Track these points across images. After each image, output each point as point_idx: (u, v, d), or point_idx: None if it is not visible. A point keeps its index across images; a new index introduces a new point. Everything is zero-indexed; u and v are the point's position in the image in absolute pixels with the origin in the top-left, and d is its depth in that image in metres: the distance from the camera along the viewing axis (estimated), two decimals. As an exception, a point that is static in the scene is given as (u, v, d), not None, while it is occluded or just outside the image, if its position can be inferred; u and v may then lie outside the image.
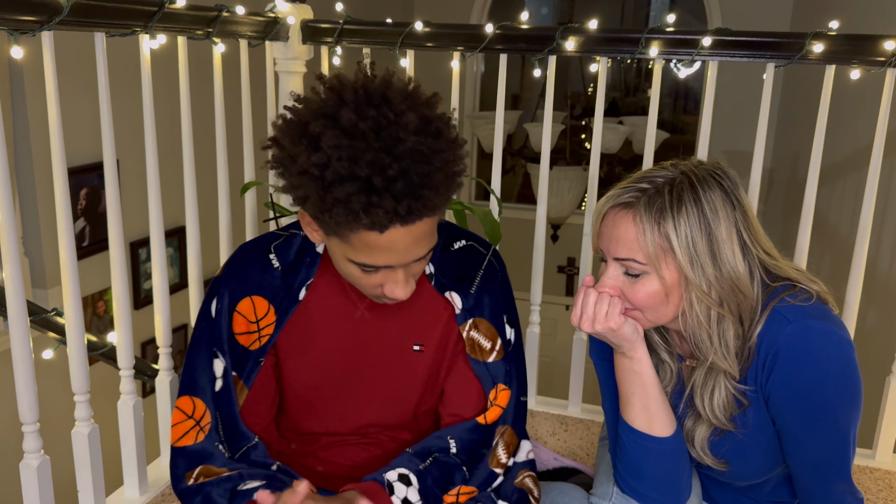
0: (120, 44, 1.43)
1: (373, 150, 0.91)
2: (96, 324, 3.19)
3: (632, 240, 1.08)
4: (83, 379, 1.40)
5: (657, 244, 1.06)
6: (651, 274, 1.08)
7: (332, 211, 0.94)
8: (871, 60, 1.62)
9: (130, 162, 2.62)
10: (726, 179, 1.10)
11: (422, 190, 0.94)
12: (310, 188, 0.94)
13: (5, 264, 1.22)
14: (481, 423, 1.21)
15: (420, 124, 0.94)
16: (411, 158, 0.92)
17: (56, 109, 1.29)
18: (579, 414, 1.98)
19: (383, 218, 0.94)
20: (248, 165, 1.84)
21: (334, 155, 0.91)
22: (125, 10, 1.36)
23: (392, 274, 1.05)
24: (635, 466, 1.21)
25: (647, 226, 1.06)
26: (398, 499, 1.09)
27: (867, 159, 1.70)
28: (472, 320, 1.22)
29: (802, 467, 1.16)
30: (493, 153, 1.93)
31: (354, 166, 0.91)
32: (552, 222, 4.01)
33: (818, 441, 1.12)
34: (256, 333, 1.19)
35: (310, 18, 1.93)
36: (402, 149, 0.92)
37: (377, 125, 0.93)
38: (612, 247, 1.11)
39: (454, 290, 1.21)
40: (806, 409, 1.09)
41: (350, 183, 0.92)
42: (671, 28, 1.73)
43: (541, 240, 1.93)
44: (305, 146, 0.94)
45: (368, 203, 0.92)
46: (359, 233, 0.97)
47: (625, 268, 1.10)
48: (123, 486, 1.59)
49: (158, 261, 1.59)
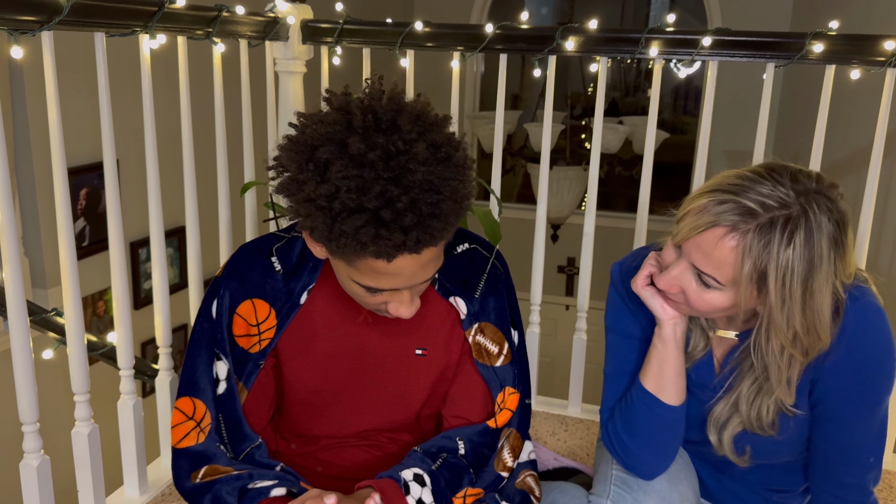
0: (120, 44, 1.43)
1: (382, 182, 0.90)
2: (96, 324, 3.19)
3: (725, 264, 1.02)
4: (83, 379, 1.40)
5: (751, 277, 1.02)
6: (726, 292, 1.05)
7: (339, 241, 0.93)
8: (871, 60, 1.62)
9: (130, 162, 2.62)
10: (840, 214, 1.03)
11: (431, 220, 0.93)
12: (317, 218, 0.93)
13: (5, 264, 1.22)
14: (491, 426, 1.21)
15: (429, 153, 0.93)
16: (420, 189, 0.91)
17: (56, 109, 1.29)
18: (579, 414, 1.98)
19: (392, 249, 0.93)
20: (248, 165, 1.84)
21: (343, 186, 0.91)
22: (125, 10, 1.36)
23: (397, 295, 1.04)
24: (633, 422, 1.23)
25: (748, 259, 1.00)
26: (413, 499, 1.09)
27: (867, 159, 1.70)
28: (477, 325, 1.21)
29: (837, 451, 1.16)
30: (493, 153, 1.93)
31: (363, 198, 0.90)
32: (552, 222, 4.01)
33: (862, 420, 1.13)
34: (257, 336, 1.19)
35: (310, 18, 1.93)
36: (412, 179, 0.91)
37: (386, 154, 0.92)
38: (698, 258, 1.05)
39: (458, 295, 1.21)
40: (861, 385, 1.10)
41: (358, 215, 0.91)
42: (671, 28, 1.73)
43: (541, 240, 1.93)
44: (313, 173, 0.93)
45: (377, 235, 0.91)
46: (366, 260, 0.97)
47: (699, 275, 1.07)
48: (123, 486, 1.59)
49: (158, 261, 1.59)
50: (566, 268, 5.63)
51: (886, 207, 2.65)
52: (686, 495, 1.27)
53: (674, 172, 5.62)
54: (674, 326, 1.18)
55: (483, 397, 1.23)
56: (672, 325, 1.18)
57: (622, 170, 4.18)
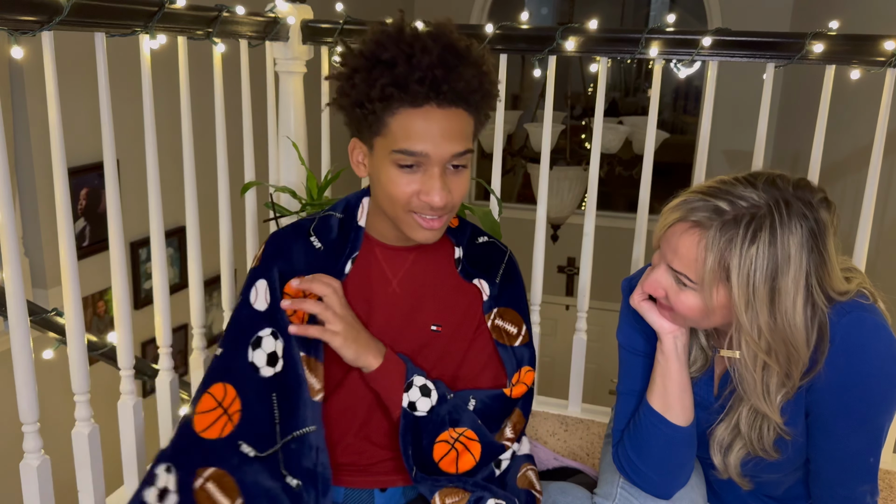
0: (120, 44, 1.43)
1: (416, 41, 1.06)
2: (96, 324, 3.19)
3: (691, 260, 1.05)
4: (83, 379, 1.40)
5: (715, 274, 1.03)
6: (698, 292, 1.07)
7: (370, 96, 1.07)
8: (871, 60, 1.62)
9: (130, 162, 2.62)
10: (815, 221, 1.02)
11: (454, 71, 1.06)
12: (360, 83, 1.08)
13: (5, 264, 1.22)
14: (506, 394, 1.26)
15: (446, 43, 1.08)
16: (440, 51, 1.06)
17: (56, 109, 1.29)
18: (579, 414, 1.98)
19: (419, 90, 1.05)
20: (248, 165, 1.84)
21: (379, 47, 1.07)
22: (125, 10, 1.36)
23: (429, 178, 1.09)
24: (643, 444, 1.22)
25: (710, 254, 1.02)
26: (407, 398, 1.18)
27: (867, 159, 1.70)
28: (496, 309, 1.29)
29: (829, 462, 1.15)
30: (493, 153, 1.93)
31: (396, 49, 1.06)
32: (552, 222, 4.01)
33: (853, 436, 1.11)
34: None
35: (310, 18, 1.93)
36: (434, 44, 1.06)
37: (417, 35, 1.08)
38: (670, 256, 1.08)
39: (482, 278, 1.29)
40: (849, 401, 1.08)
41: (389, 59, 1.06)
42: (671, 28, 1.73)
43: (541, 240, 1.93)
44: (350, 65, 1.11)
45: (407, 74, 1.05)
46: (397, 113, 1.08)
47: (675, 275, 1.09)
48: (123, 486, 1.59)
49: (158, 261, 1.59)
50: (566, 268, 5.63)
51: (886, 207, 2.65)
52: (696, 502, 1.27)
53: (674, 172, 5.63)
54: (674, 340, 1.18)
55: (493, 379, 1.28)
56: (672, 339, 1.18)
57: (622, 170, 4.18)
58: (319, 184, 1.72)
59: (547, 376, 2.50)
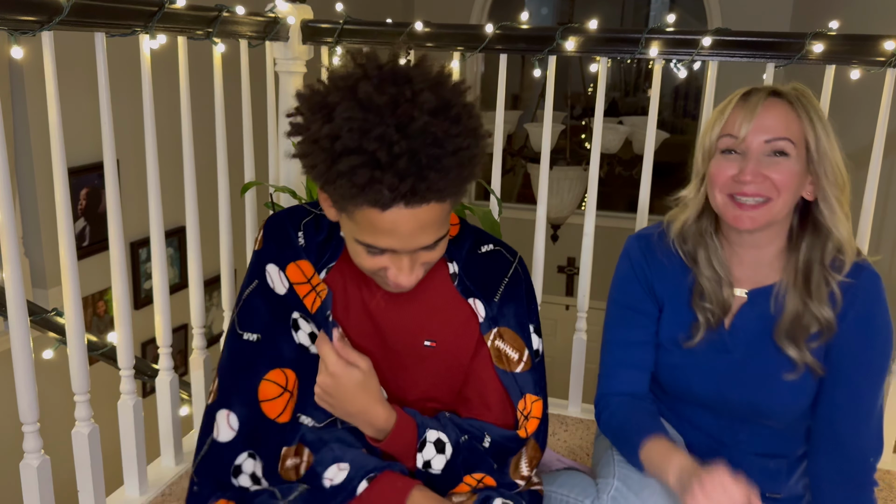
0: (120, 44, 1.43)
1: (383, 126, 0.91)
2: (96, 324, 3.19)
3: (786, 116, 1.15)
4: (83, 379, 1.40)
5: (806, 131, 1.15)
6: (794, 156, 1.15)
7: (336, 183, 0.93)
8: (871, 60, 1.62)
9: (130, 162, 2.62)
10: None
11: (428, 171, 0.92)
12: (318, 158, 0.94)
13: (5, 264, 1.22)
14: (521, 436, 1.20)
15: (438, 105, 0.93)
16: (422, 139, 0.91)
17: (56, 109, 1.29)
18: (579, 414, 1.98)
19: (386, 196, 0.92)
20: (248, 165, 1.84)
21: (345, 126, 0.91)
22: (125, 10, 1.36)
23: (397, 259, 1.03)
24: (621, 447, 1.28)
25: (801, 110, 1.16)
26: (422, 458, 1.11)
27: (867, 159, 1.70)
28: (496, 329, 1.20)
29: (843, 419, 1.21)
30: (493, 153, 1.93)
31: (363, 139, 0.91)
32: (552, 222, 4.01)
33: (869, 390, 1.21)
34: (313, 292, 1.18)
35: (310, 18, 1.93)
36: (414, 127, 0.91)
37: (393, 101, 0.92)
38: (762, 133, 1.15)
39: (478, 297, 1.19)
40: (871, 351, 1.20)
41: (356, 156, 0.91)
42: (671, 28, 1.73)
43: (541, 240, 1.93)
44: (321, 116, 0.95)
45: (371, 178, 0.91)
46: (363, 209, 0.96)
47: (773, 149, 1.15)
48: (123, 486, 1.59)
49: (158, 261, 1.59)
50: (566, 268, 5.63)
51: (886, 207, 2.66)
52: None
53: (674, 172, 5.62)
54: None
55: (499, 404, 1.21)
56: None
57: (622, 170, 4.18)
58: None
59: (547, 376, 2.50)
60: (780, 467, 1.31)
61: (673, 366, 1.30)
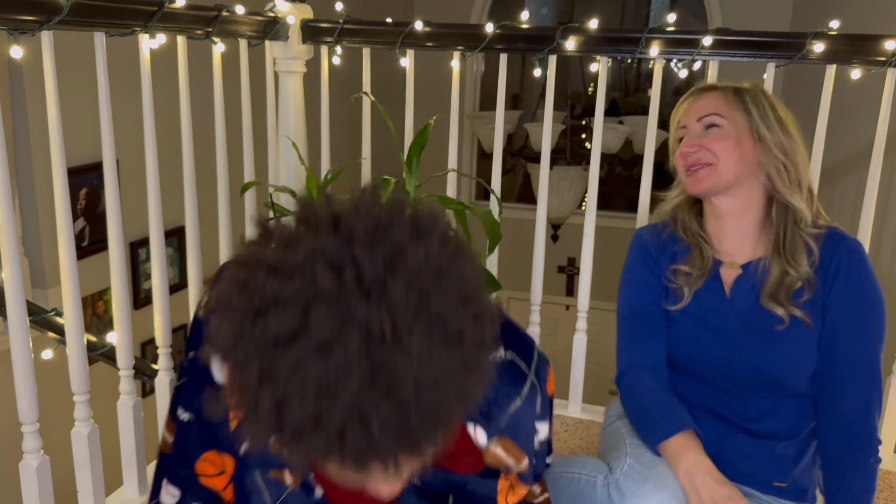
0: (120, 44, 1.43)
1: (353, 391, 0.62)
2: (96, 324, 3.19)
3: (715, 100, 1.33)
4: (83, 379, 1.40)
5: (735, 102, 1.32)
6: (725, 125, 1.31)
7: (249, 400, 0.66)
8: (872, 60, 1.62)
9: (130, 162, 2.62)
10: None
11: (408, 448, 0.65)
12: (240, 380, 0.65)
13: (5, 264, 1.22)
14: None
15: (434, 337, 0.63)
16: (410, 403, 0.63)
17: (56, 109, 1.29)
18: (579, 414, 1.98)
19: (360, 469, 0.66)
20: (248, 165, 1.84)
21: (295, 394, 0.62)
22: (125, 9, 1.36)
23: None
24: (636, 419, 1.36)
25: (728, 90, 1.34)
26: None
27: (867, 159, 1.70)
28: (496, 438, 1.00)
29: (840, 365, 1.29)
30: (493, 153, 1.93)
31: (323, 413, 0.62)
32: (552, 222, 4.01)
33: (868, 353, 1.29)
34: None
35: (309, 18, 1.93)
36: (402, 394, 0.62)
37: (366, 334, 0.62)
38: (695, 114, 1.34)
39: (479, 424, 0.98)
40: (864, 315, 1.29)
41: (317, 432, 0.63)
42: (671, 28, 1.73)
43: (541, 240, 1.93)
44: (254, 352, 0.65)
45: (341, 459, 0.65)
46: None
47: (705, 124, 1.32)
48: (123, 486, 1.59)
49: (158, 261, 1.58)
50: (566, 268, 5.63)
51: (887, 207, 2.65)
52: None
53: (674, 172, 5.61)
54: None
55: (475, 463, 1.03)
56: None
57: (622, 170, 4.18)
58: (319, 184, 1.72)
59: (547, 376, 2.48)
60: (787, 452, 1.33)
61: (680, 334, 1.38)
